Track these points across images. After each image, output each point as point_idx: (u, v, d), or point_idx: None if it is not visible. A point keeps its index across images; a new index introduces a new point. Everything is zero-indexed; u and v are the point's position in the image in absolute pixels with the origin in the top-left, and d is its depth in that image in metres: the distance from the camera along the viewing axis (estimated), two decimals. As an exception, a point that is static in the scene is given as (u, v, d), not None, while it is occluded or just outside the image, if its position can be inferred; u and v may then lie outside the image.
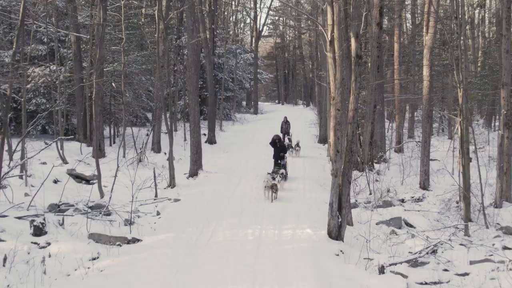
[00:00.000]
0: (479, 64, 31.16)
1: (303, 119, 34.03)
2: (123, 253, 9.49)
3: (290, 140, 22.55)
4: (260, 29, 45.78)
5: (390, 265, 8.95)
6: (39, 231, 10.02)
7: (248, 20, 50.97)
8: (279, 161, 16.31)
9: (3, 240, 9.60)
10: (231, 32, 44.21)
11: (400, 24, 21.01)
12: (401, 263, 9.21)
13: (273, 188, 13.50)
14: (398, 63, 21.12)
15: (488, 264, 9.49)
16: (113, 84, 16.84)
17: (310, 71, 50.04)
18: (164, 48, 17.10)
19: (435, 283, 8.77)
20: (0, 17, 22.20)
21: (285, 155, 16.82)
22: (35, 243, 9.74)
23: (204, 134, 24.65)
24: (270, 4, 43.01)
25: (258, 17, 48.05)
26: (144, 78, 25.78)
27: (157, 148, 20.88)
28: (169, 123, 16.78)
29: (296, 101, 62.70)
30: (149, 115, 30.61)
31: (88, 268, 8.81)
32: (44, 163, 17.46)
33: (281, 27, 58.63)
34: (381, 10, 16.62)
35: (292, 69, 62.35)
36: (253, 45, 44.55)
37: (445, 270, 9.38)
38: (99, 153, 17.94)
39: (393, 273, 8.67)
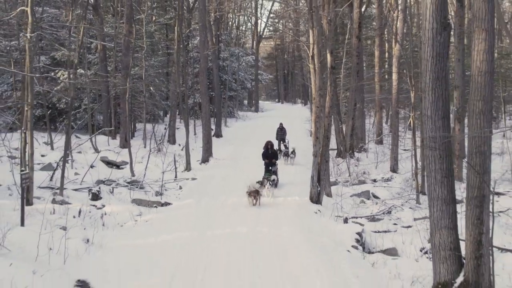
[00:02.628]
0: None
1: (300, 117, 37.48)
2: (159, 212, 12.98)
3: (286, 147, 21.81)
4: (261, 33, 49.15)
5: (352, 217, 12.44)
6: (95, 197, 13.51)
7: (249, 25, 54.36)
8: (270, 168, 16.42)
9: (70, 203, 13.09)
10: (233, 35, 47.57)
11: (380, 34, 24.41)
12: (361, 217, 12.70)
13: (256, 194, 13.28)
14: (378, 67, 24.53)
15: (427, 220, 12.92)
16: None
17: (307, 71, 53.31)
18: (178, 55, 20.58)
19: (385, 231, 12.20)
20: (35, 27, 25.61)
21: (276, 161, 16.94)
22: (93, 205, 13.21)
23: (212, 129, 28.08)
24: (271, 9, 46.24)
25: (259, 22, 51.40)
26: (157, 80, 29.24)
27: (172, 140, 24.35)
28: (185, 119, 20.19)
29: (295, 100, 66.02)
30: (161, 113, 34.14)
31: (136, 220, 12.26)
32: (79, 152, 20.98)
33: (280, 28, 61.91)
34: (359, 25, 20.07)
35: (291, 70, 65.71)
36: (254, 48, 47.92)
37: (395, 224, 12.83)
38: (125, 144, 21.52)
39: (354, 223, 12.13)
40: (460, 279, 7.64)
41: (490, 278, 7.46)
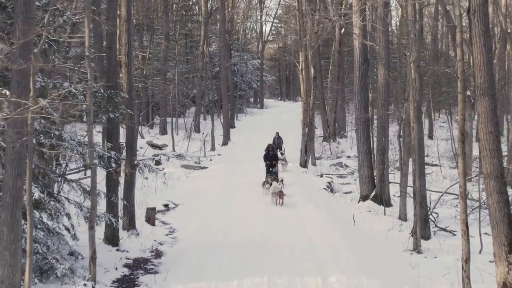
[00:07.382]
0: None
1: (298, 112, 44.20)
2: (201, 172, 19.87)
3: (282, 154, 21.35)
4: (265, 39, 55.93)
5: (326, 173, 19.27)
6: (158, 163, 20.41)
7: (254, 33, 61.15)
8: (271, 169, 17.33)
9: (141, 167, 19.94)
10: (240, 37, 54.24)
11: (359, 47, 31.00)
12: (332, 175, 19.53)
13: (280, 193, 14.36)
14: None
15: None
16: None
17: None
18: (204, 65, 27.44)
19: (347, 183, 19.00)
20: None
21: (277, 163, 17.83)
22: (157, 168, 20.05)
23: (226, 122, 34.74)
24: (275, 15, 53.14)
25: (264, 28, 58.04)
26: (180, 82, 36.00)
27: (197, 129, 31.14)
28: (211, 114, 27.03)
29: (296, 98, 72.50)
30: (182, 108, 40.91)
31: (187, 176, 19.12)
32: (129, 138, 27.85)
33: (283, 32, 68.43)
34: (340, 42, 26.80)
35: (293, 70, 72.19)
36: (259, 53, 54.63)
37: (355, 180, 19.55)
38: (163, 132, 28.44)
39: (326, 177, 18.95)
40: (373, 193, 14.50)
41: (388, 192, 14.27)
